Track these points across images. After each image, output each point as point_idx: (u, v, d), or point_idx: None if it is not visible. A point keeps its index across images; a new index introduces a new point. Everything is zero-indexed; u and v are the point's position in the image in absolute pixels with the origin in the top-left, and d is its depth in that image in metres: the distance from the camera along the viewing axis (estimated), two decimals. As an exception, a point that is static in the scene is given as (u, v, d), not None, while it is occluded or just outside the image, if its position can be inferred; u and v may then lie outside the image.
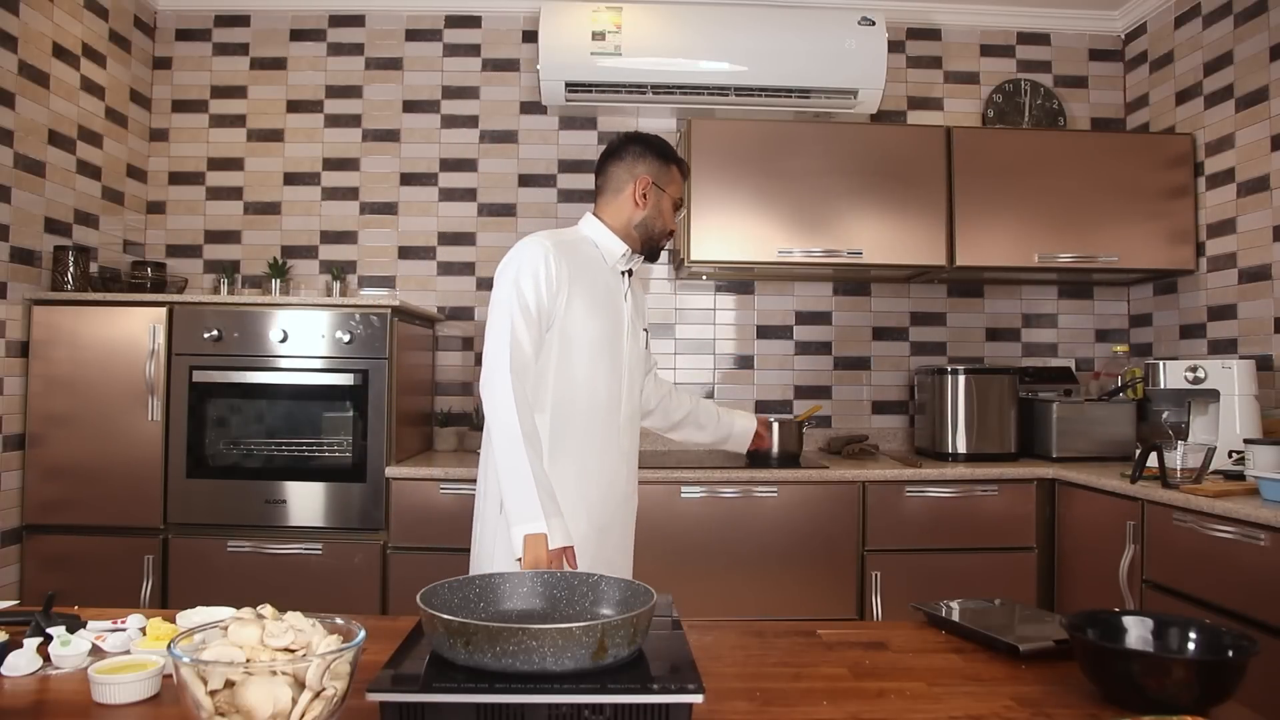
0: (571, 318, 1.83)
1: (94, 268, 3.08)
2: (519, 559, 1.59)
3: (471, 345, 3.57)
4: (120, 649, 1.13)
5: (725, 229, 3.17)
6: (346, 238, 3.57)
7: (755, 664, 1.13)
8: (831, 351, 3.64)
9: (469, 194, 3.59)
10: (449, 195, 3.59)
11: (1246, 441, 2.48)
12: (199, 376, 2.83)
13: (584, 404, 1.86)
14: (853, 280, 3.63)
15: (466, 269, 3.58)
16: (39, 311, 2.82)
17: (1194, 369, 2.83)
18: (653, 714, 0.83)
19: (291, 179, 3.58)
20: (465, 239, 3.59)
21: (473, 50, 3.62)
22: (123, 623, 1.21)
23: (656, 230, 1.95)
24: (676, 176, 2.00)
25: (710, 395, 3.58)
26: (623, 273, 1.96)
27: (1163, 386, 2.88)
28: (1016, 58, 3.73)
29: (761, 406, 3.58)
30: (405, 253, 3.58)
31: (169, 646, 0.81)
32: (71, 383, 2.81)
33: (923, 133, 3.28)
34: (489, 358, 1.74)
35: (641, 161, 1.96)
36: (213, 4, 3.57)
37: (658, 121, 3.61)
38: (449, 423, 3.44)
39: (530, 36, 3.57)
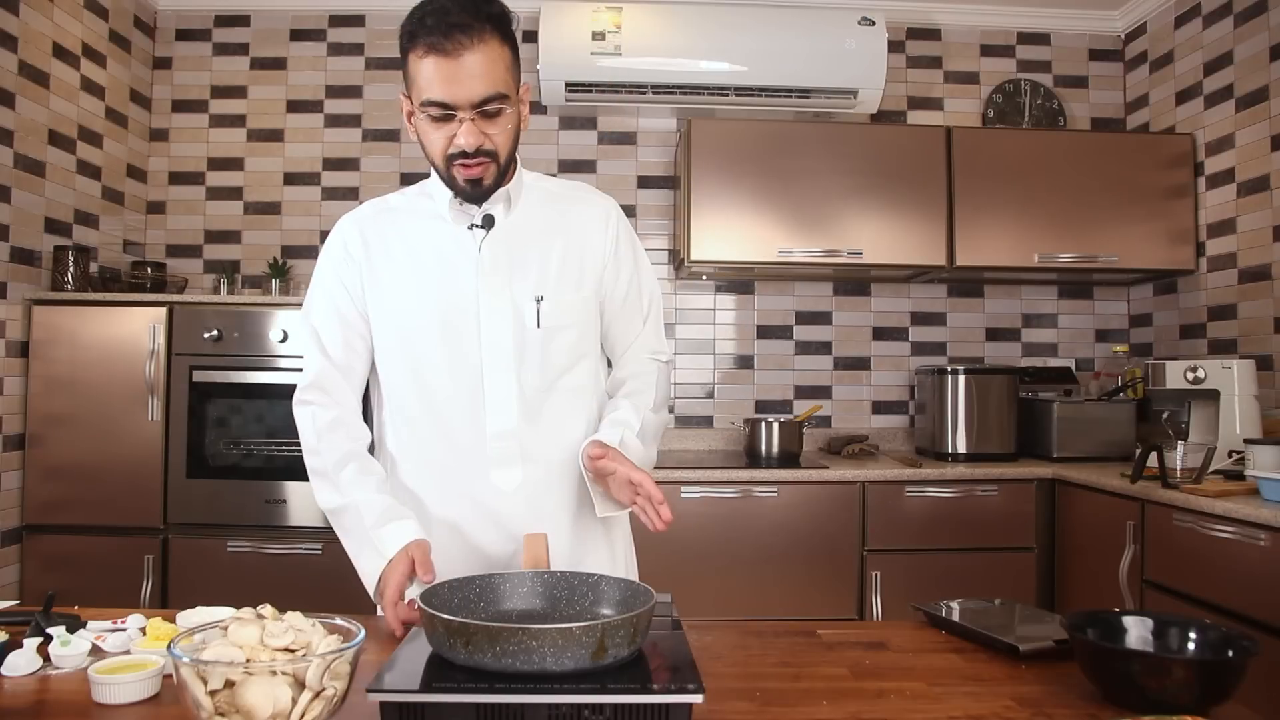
0: (380, 302, 1.39)
1: (94, 268, 3.08)
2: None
3: (471, 345, 3.56)
4: (120, 649, 1.13)
5: (725, 229, 3.17)
6: (346, 238, 3.57)
7: (755, 664, 1.13)
8: (831, 351, 3.64)
9: (469, 194, 3.59)
10: (449, 195, 3.59)
11: (1246, 441, 2.48)
12: (199, 376, 2.83)
13: (415, 415, 1.38)
14: (853, 280, 3.63)
15: (466, 269, 3.57)
16: (39, 311, 2.82)
17: (1194, 369, 2.83)
18: (653, 714, 0.83)
19: (291, 179, 3.58)
20: (465, 239, 3.58)
21: (473, 50, 3.61)
22: (123, 623, 1.21)
23: (434, 162, 1.33)
24: (414, 66, 1.25)
25: (710, 395, 3.59)
26: (474, 226, 1.37)
27: (1163, 386, 2.88)
28: (1016, 58, 3.72)
29: (761, 406, 3.58)
30: (405, 253, 3.57)
31: (169, 646, 0.81)
32: (71, 383, 2.81)
33: (923, 133, 3.28)
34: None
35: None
36: (213, 4, 3.57)
37: (658, 121, 3.61)
38: (449, 423, 3.44)
39: (530, 36, 3.56)
